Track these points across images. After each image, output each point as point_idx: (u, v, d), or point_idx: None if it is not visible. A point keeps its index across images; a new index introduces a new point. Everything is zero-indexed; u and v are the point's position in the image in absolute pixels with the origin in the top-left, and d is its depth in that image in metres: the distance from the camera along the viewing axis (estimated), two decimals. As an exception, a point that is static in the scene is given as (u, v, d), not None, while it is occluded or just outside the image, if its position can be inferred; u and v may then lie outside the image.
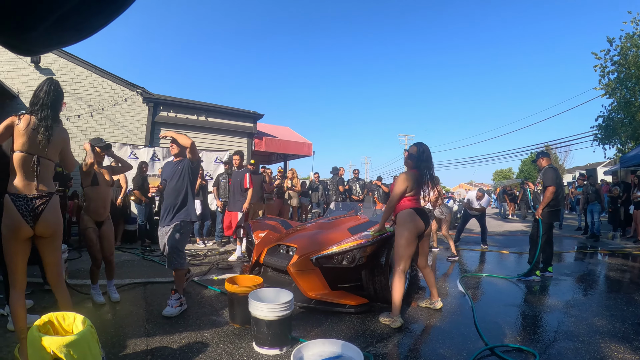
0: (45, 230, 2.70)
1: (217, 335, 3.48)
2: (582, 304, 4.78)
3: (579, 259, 8.38)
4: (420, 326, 3.89)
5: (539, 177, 6.21)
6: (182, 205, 4.16)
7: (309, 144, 13.99)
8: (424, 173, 4.06)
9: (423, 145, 4.16)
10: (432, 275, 4.35)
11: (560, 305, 4.66)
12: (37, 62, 10.30)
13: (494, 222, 17.40)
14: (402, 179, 4.04)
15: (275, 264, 4.55)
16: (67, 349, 2.12)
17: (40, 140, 2.72)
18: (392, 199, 4.08)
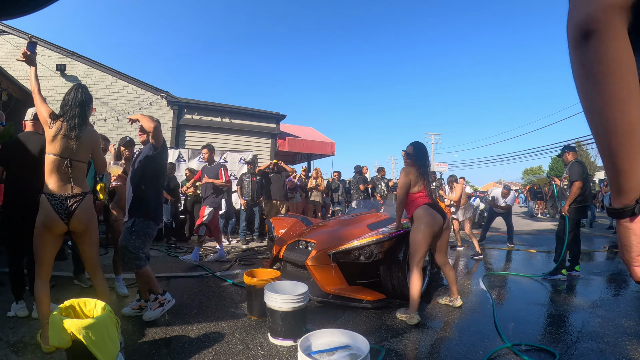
0: (78, 226, 2.92)
1: (234, 326, 3.55)
2: (610, 304, 4.60)
3: (610, 258, 8.08)
4: (438, 323, 3.84)
5: (565, 172, 6.05)
6: (135, 200, 3.65)
7: (331, 143, 14.03)
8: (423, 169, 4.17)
9: (419, 144, 4.26)
10: (452, 273, 4.32)
11: (586, 305, 4.52)
12: (62, 69, 10.66)
13: (522, 221, 17.02)
14: (403, 173, 4.10)
15: (294, 259, 4.61)
16: (86, 331, 2.21)
17: (72, 144, 2.90)
18: (399, 193, 4.13)
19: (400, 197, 4.10)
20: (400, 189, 4.08)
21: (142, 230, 3.58)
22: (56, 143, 2.86)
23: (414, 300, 3.77)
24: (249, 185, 8.64)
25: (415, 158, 4.17)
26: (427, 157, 4.26)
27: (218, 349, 3.04)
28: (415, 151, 4.19)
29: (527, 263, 7.34)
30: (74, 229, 2.93)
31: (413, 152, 4.19)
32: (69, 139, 2.89)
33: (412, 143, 4.27)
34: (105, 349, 2.32)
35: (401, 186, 4.07)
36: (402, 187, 4.06)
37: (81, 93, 3.04)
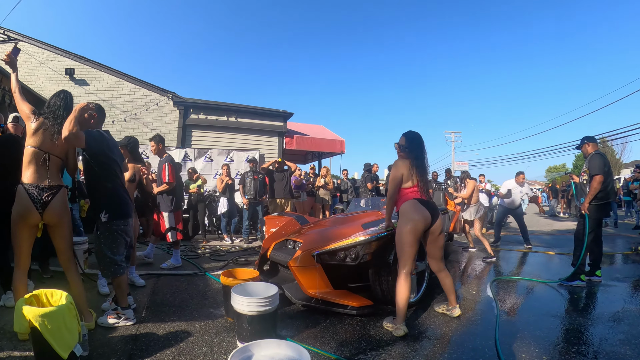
0: (51, 218, 3.04)
1: (207, 327, 3.44)
2: (635, 317, 3.95)
3: (636, 261, 7.30)
4: (428, 336, 3.39)
5: (584, 165, 5.52)
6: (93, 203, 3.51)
7: (341, 141, 13.85)
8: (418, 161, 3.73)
9: (412, 134, 3.82)
10: (449, 280, 3.88)
11: (606, 318, 3.92)
12: (71, 73, 10.86)
13: (543, 221, 16.43)
14: (394, 165, 3.73)
15: (280, 259, 4.38)
16: (42, 319, 2.26)
17: (52, 139, 3.07)
18: (389, 188, 3.77)
19: (390, 192, 3.75)
20: (390, 184, 3.72)
21: (107, 231, 3.38)
22: (37, 137, 3.04)
23: (400, 310, 3.41)
24: (252, 184, 8.57)
25: (408, 150, 3.73)
26: (421, 148, 3.79)
27: (182, 349, 2.94)
28: (407, 142, 3.75)
29: (544, 266, 6.76)
30: (47, 221, 3.03)
31: (405, 143, 3.76)
32: (51, 134, 3.06)
33: (405, 133, 3.83)
34: (61, 339, 2.33)
35: (391, 180, 3.71)
36: (392, 181, 3.69)
37: (68, 98, 3.32)
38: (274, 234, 5.17)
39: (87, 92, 11.14)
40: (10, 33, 11.22)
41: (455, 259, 7.20)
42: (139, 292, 4.46)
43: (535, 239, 10.12)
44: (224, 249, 7.70)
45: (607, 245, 8.05)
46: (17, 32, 11.26)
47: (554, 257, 7.66)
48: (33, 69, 11.14)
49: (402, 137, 3.83)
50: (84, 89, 11.16)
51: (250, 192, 8.58)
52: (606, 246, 7.74)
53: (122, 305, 3.43)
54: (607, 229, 12.41)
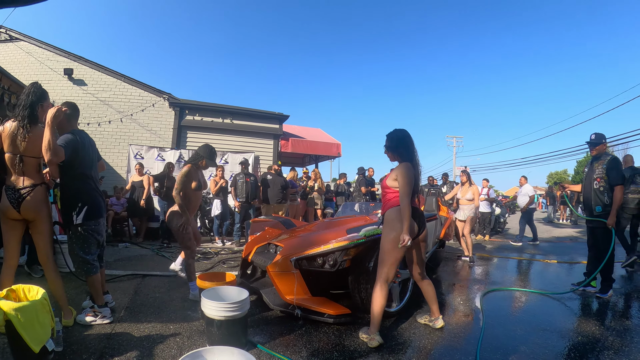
0: (27, 213, 3.18)
1: (181, 329, 3.52)
2: (629, 329, 3.89)
3: (636, 271, 7.13)
4: (406, 348, 3.32)
5: (597, 168, 5.10)
6: (65, 203, 3.53)
7: (337, 144, 13.98)
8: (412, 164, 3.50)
9: (396, 132, 3.61)
10: (431, 289, 3.76)
11: (597, 331, 3.84)
12: (70, 73, 11.07)
13: (542, 227, 16.41)
14: (407, 167, 3.40)
15: (260, 263, 4.38)
16: (16, 313, 2.39)
17: (20, 141, 3.14)
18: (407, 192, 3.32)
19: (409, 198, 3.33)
20: (408, 187, 3.32)
21: (78, 231, 3.48)
22: (8, 141, 3.14)
23: (375, 319, 3.34)
24: (243, 187, 8.73)
25: (394, 150, 3.57)
26: (408, 146, 3.55)
27: (152, 350, 3.04)
28: (392, 142, 3.58)
29: (541, 275, 6.69)
30: (25, 216, 3.19)
31: (390, 143, 3.58)
32: (18, 138, 3.13)
33: (388, 134, 3.64)
34: (33, 333, 2.46)
35: (408, 183, 3.33)
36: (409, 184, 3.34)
37: (32, 94, 3.20)
38: (258, 237, 5.20)
39: (85, 92, 11.34)
40: (12, 32, 11.43)
41: (448, 267, 7.22)
42: (121, 291, 4.58)
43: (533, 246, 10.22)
44: (213, 250, 7.83)
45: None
46: (18, 31, 11.48)
47: (549, 265, 7.59)
48: (33, 68, 11.36)
49: (389, 137, 3.63)
50: (82, 89, 11.35)
51: (242, 195, 8.73)
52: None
53: (98, 303, 3.55)
54: None
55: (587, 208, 5.25)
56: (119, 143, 11.24)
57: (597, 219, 5.04)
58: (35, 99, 3.19)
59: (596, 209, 5.07)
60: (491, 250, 9.27)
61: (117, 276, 5.28)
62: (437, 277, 6.10)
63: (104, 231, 3.73)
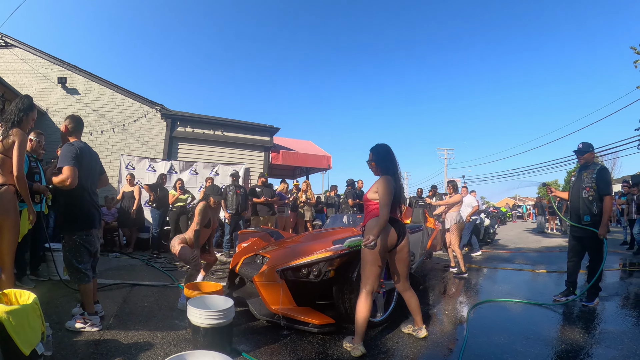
0: None
1: (168, 337, 3.63)
2: (612, 338, 3.90)
3: (622, 278, 7.38)
4: (389, 357, 3.40)
5: (586, 177, 5.18)
6: (59, 214, 3.86)
7: (327, 156, 14.21)
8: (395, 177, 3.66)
9: (378, 147, 3.78)
10: (415, 299, 3.84)
11: (581, 339, 3.89)
12: (63, 82, 11.19)
13: (532, 237, 16.72)
14: (387, 180, 3.53)
15: (246, 274, 4.50)
16: (8, 316, 2.48)
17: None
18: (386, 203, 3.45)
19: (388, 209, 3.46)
20: (388, 198, 3.46)
21: (70, 241, 3.64)
22: None
23: (359, 329, 3.42)
24: (233, 198, 8.86)
25: (379, 163, 3.72)
26: (391, 159, 3.72)
27: (139, 357, 3.16)
28: (377, 156, 3.73)
29: (527, 285, 6.71)
30: None
31: (373, 158, 3.74)
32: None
33: (371, 148, 3.80)
34: (24, 336, 2.55)
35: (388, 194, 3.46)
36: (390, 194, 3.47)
37: (20, 104, 3.40)
38: (245, 248, 5.33)
39: (78, 101, 11.51)
40: (7, 39, 11.61)
41: (435, 277, 7.30)
42: (110, 300, 4.70)
43: (522, 257, 10.38)
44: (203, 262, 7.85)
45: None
46: (14, 38, 11.65)
47: (542, 275, 7.65)
48: (27, 75, 11.53)
49: (373, 152, 3.77)
50: (75, 98, 11.52)
51: (232, 207, 8.85)
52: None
53: (89, 311, 3.68)
54: None
55: (575, 217, 5.28)
56: (110, 153, 11.37)
57: (587, 227, 5.07)
58: (23, 107, 3.38)
59: (585, 219, 5.11)
60: (480, 261, 9.37)
61: (106, 285, 5.39)
62: (424, 288, 6.17)
63: (96, 242, 3.86)
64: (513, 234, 19.46)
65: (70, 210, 3.62)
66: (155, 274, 6.45)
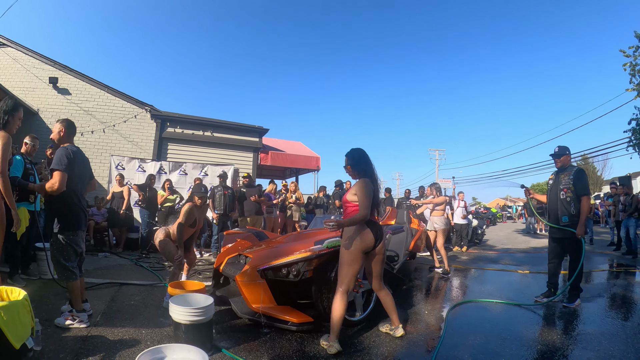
0: None
1: (153, 334, 3.82)
2: (590, 340, 3.97)
3: (608, 279, 7.48)
4: (364, 355, 3.51)
5: (563, 179, 5.33)
6: (49, 214, 4.15)
7: (316, 157, 14.42)
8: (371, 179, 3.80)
9: (354, 151, 3.92)
10: (390, 299, 3.98)
11: (558, 340, 3.97)
12: (55, 82, 11.30)
13: (521, 238, 16.99)
14: (365, 183, 3.67)
15: (230, 274, 4.64)
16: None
17: None
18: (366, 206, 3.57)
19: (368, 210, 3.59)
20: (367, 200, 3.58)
21: (58, 240, 3.85)
22: None
23: (335, 327, 3.55)
24: (221, 199, 9.05)
25: (355, 167, 3.85)
26: (367, 163, 3.87)
27: (124, 352, 3.34)
28: (353, 160, 3.87)
29: (511, 286, 6.80)
30: None
31: (349, 162, 3.88)
32: None
33: (346, 154, 3.94)
34: (14, 331, 2.71)
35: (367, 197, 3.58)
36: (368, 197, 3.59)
37: (6, 105, 3.57)
38: (230, 248, 5.45)
39: (69, 101, 11.66)
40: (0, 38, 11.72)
41: (419, 277, 7.49)
42: (98, 298, 4.88)
43: (508, 257, 10.53)
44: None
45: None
46: (6, 37, 11.80)
47: (525, 276, 7.76)
48: (19, 75, 11.67)
49: (348, 156, 3.90)
50: (66, 98, 11.67)
51: (219, 207, 9.03)
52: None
53: (77, 308, 3.88)
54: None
55: (554, 218, 5.40)
56: (100, 153, 11.54)
57: (566, 228, 5.19)
58: (8, 109, 3.54)
59: (563, 219, 5.24)
60: (466, 262, 9.55)
61: (95, 284, 5.57)
62: (407, 288, 6.33)
63: (82, 243, 4.05)
64: (502, 234, 19.78)
65: (60, 211, 3.82)
66: (144, 274, 6.66)
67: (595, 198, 23.80)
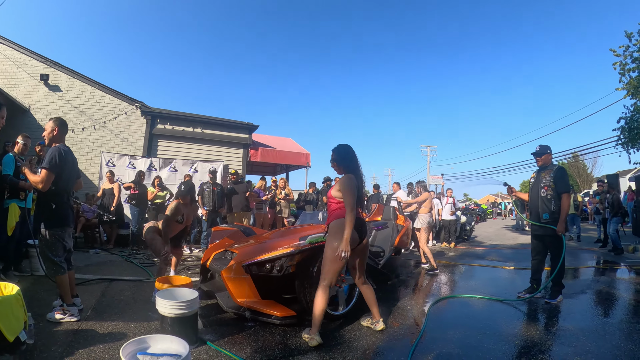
0: None
1: (141, 328, 4.00)
2: (568, 335, 4.03)
3: (593, 276, 7.61)
4: (344, 348, 3.63)
5: (544, 177, 5.44)
6: (38, 211, 4.22)
7: (306, 154, 14.61)
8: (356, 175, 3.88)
9: (340, 147, 4.01)
10: (371, 293, 4.10)
11: (536, 336, 4.05)
12: (46, 79, 11.39)
13: (510, 234, 17.25)
14: (349, 178, 3.77)
15: (216, 269, 4.75)
16: None
17: None
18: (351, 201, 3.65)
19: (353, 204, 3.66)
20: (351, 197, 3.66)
21: (47, 236, 4.03)
22: None
23: (316, 320, 3.67)
24: (210, 195, 9.21)
25: (340, 163, 3.95)
26: (352, 159, 3.95)
27: (113, 344, 3.51)
28: (339, 155, 3.97)
29: (495, 282, 6.91)
30: None
31: (337, 157, 3.97)
32: None
33: (333, 148, 4.03)
34: (8, 324, 2.88)
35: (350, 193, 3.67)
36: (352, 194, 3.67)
37: None
38: (217, 244, 5.57)
39: (60, 98, 11.77)
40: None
41: (406, 273, 7.63)
42: (89, 294, 5.05)
43: (495, 253, 10.73)
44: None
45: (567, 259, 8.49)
46: (-3, 34, 11.80)
47: (510, 272, 7.88)
48: (10, 71, 11.74)
49: (334, 152, 3.99)
50: (57, 95, 11.77)
51: (209, 204, 9.19)
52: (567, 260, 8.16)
53: (67, 302, 4.04)
54: (570, 242, 12.99)
55: (535, 216, 5.52)
56: (91, 150, 11.68)
57: (546, 225, 5.30)
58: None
59: (543, 217, 5.35)
60: (453, 258, 9.73)
61: (87, 280, 5.74)
62: (392, 283, 6.48)
63: (69, 238, 4.25)
64: (491, 230, 20.06)
65: (49, 209, 4.01)
66: (134, 270, 6.85)
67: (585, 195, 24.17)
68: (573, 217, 13.77)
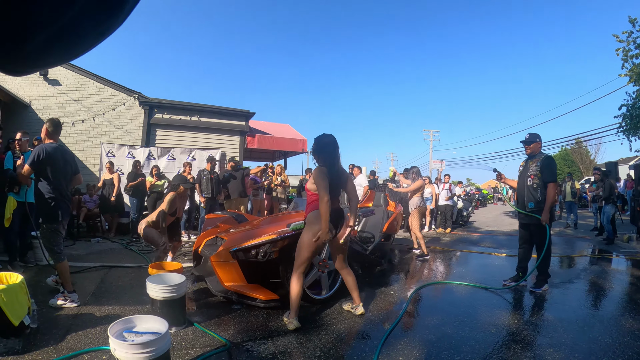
0: None
1: (135, 311, 4.29)
2: (548, 325, 4.09)
3: (584, 265, 7.59)
4: (321, 331, 3.83)
5: (531, 166, 5.46)
6: (37, 205, 4.57)
7: (303, 140, 14.83)
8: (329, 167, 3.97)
9: (320, 138, 4.08)
10: (351, 278, 4.26)
11: (513, 324, 4.15)
12: (45, 74, 11.80)
13: (507, 220, 17.41)
14: (321, 172, 3.88)
15: (206, 255, 4.99)
16: (0, 293, 3.15)
17: None
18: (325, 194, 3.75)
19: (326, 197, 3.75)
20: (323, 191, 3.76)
21: (45, 229, 4.42)
22: None
23: (293, 306, 3.87)
24: (208, 183, 9.50)
25: (316, 154, 4.07)
26: (330, 152, 4.02)
27: (108, 326, 3.77)
28: (317, 146, 4.06)
29: (485, 269, 6.99)
30: None
31: (315, 147, 4.06)
32: None
33: (315, 138, 4.09)
34: (13, 310, 3.23)
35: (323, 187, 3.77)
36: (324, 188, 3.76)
37: None
38: (209, 231, 5.81)
39: (59, 92, 12.07)
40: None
41: (396, 259, 7.86)
42: (89, 280, 5.45)
43: (490, 239, 10.93)
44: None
45: (561, 247, 8.89)
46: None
47: (501, 258, 8.01)
48: (9, 70, 11.92)
49: (315, 141, 4.07)
50: (56, 89, 12.07)
51: (207, 191, 9.50)
52: (560, 248, 8.55)
53: (67, 289, 4.39)
54: (566, 230, 13.27)
55: (521, 204, 5.55)
56: (92, 142, 12.03)
57: (531, 214, 5.34)
58: None
59: (529, 205, 5.37)
60: (447, 243, 9.93)
61: (87, 268, 6.12)
62: (380, 269, 6.63)
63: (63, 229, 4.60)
64: (490, 216, 20.19)
65: (46, 204, 4.36)
66: (134, 257, 7.25)
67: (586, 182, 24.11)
68: (570, 205, 13.92)
